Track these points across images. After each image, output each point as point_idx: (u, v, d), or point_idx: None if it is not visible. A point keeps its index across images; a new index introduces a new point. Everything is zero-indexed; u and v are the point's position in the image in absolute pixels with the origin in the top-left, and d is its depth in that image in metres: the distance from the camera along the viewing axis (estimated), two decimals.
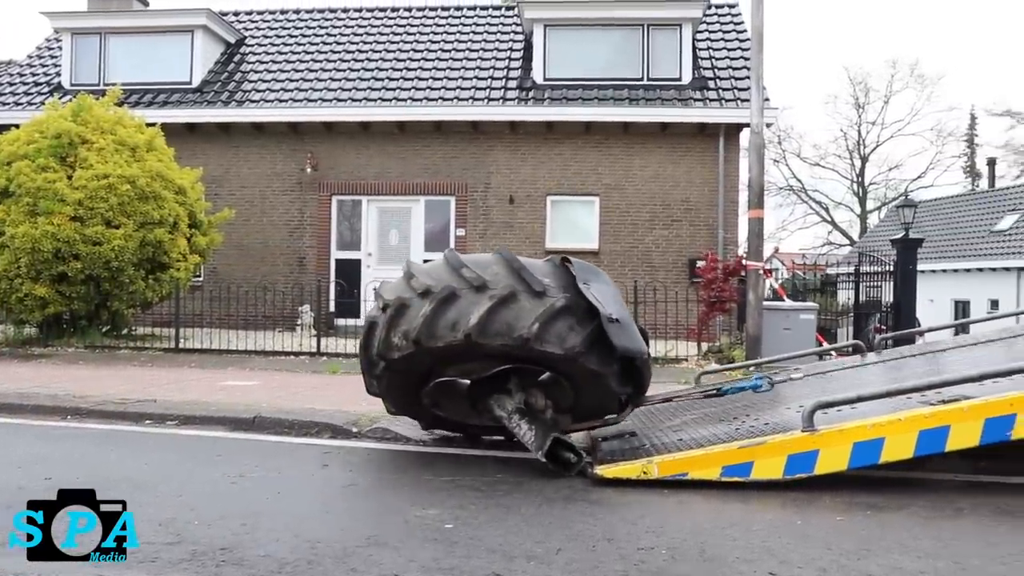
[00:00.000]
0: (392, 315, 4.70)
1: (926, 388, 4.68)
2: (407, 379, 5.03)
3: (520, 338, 4.46)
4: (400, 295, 4.75)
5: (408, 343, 4.61)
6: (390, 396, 5.34)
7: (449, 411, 5.39)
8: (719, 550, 3.35)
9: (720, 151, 15.17)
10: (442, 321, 4.53)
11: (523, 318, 4.48)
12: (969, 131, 47.19)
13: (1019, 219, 28.90)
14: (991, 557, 3.33)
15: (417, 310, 4.61)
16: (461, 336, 4.48)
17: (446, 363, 4.90)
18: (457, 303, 4.55)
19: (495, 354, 4.66)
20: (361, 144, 16.08)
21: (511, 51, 17.31)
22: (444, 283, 4.64)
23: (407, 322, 4.63)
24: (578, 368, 4.65)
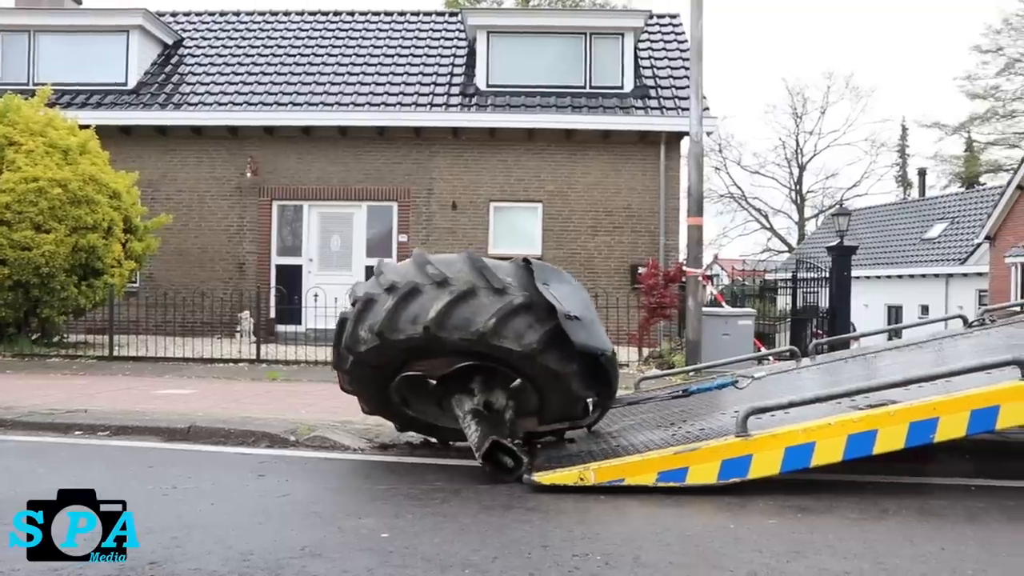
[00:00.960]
0: (360, 310, 4.81)
1: (855, 393, 4.81)
2: (376, 374, 5.04)
3: (477, 332, 4.53)
4: (368, 291, 4.87)
5: (372, 336, 4.70)
6: (361, 393, 5.32)
7: (419, 410, 5.36)
8: (653, 556, 3.39)
9: (661, 159, 15.40)
10: (404, 315, 4.64)
11: (481, 313, 4.57)
12: (901, 142, 48.71)
13: (947, 227, 29.91)
14: (912, 556, 3.43)
15: (382, 304, 4.70)
16: (420, 329, 4.56)
17: (411, 358, 4.93)
18: (419, 298, 4.66)
19: (455, 350, 4.73)
20: (303, 149, 15.91)
21: (455, 57, 17.31)
22: (408, 279, 4.74)
23: (372, 316, 4.72)
24: (537, 366, 4.69)
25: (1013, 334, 7.06)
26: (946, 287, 27.77)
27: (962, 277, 26.99)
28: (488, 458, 4.61)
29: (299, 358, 12.17)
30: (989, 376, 4.66)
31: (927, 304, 28.24)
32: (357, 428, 6.61)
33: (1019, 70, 39.84)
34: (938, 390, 4.62)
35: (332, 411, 7.50)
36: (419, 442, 6.16)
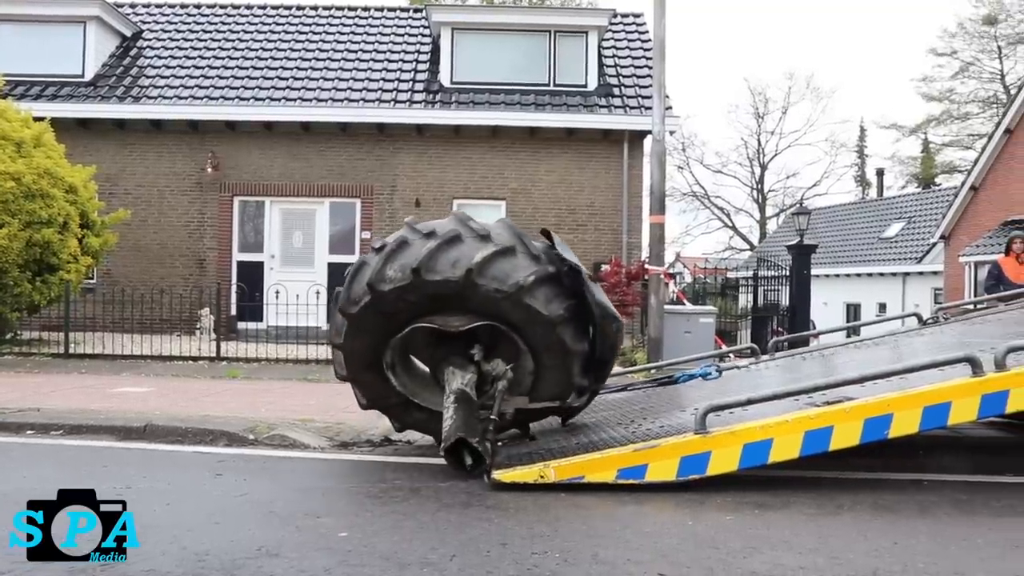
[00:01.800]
0: (392, 249, 4.86)
1: (812, 390, 4.88)
2: (384, 322, 4.94)
3: (516, 285, 4.66)
4: (402, 235, 4.95)
5: (404, 275, 4.73)
6: (354, 354, 5.10)
7: (404, 383, 5.22)
8: (611, 552, 3.41)
9: (624, 157, 15.48)
10: (444, 258, 4.71)
11: (519, 271, 4.73)
12: (860, 143, 49.48)
13: (905, 227, 30.45)
14: (866, 551, 3.48)
15: (420, 246, 4.76)
16: (462, 272, 4.64)
17: (430, 309, 4.90)
18: (460, 246, 4.77)
19: (484, 302, 4.78)
20: (264, 144, 15.73)
21: (418, 54, 17.24)
22: (450, 228, 4.87)
23: (406, 256, 4.78)
24: (553, 338, 4.80)
25: (966, 332, 7.20)
26: (903, 285, 28.27)
27: (918, 276, 27.48)
28: (451, 452, 4.60)
29: (260, 356, 12.05)
30: (942, 373, 4.76)
31: (885, 302, 28.72)
32: (318, 427, 6.58)
33: (973, 73, 40.74)
34: (893, 387, 4.70)
35: (293, 409, 7.44)
36: (379, 440, 6.14)
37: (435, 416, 4.98)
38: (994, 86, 39.96)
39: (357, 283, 4.92)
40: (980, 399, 4.52)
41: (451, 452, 4.61)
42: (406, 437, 6.33)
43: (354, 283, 4.96)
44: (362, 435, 6.33)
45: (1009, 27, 38.82)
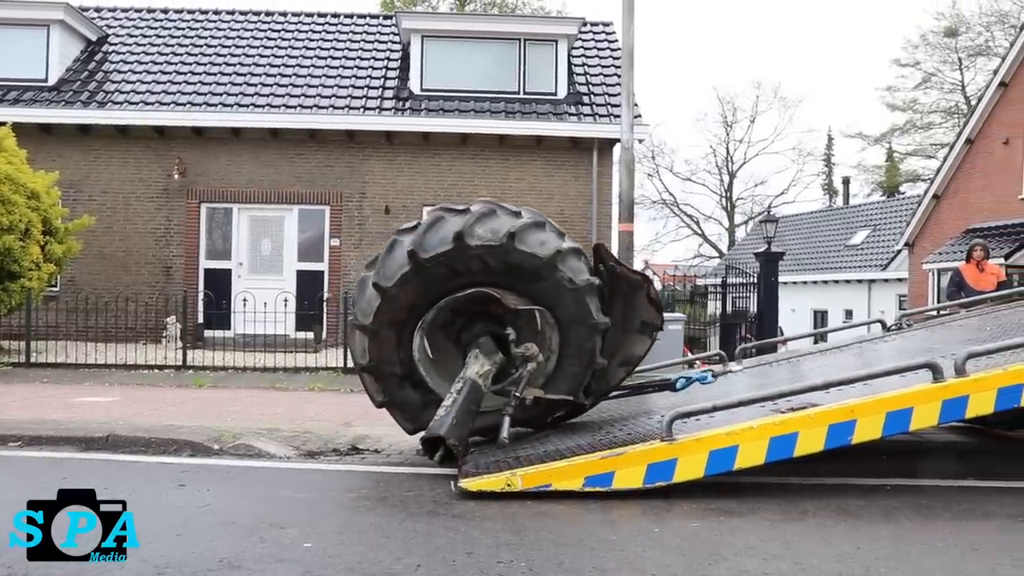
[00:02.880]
0: (431, 223, 4.99)
1: (777, 396, 4.91)
2: (421, 295, 4.96)
3: (554, 250, 4.93)
4: (436, 213, 5.10)
5: (447, 242, 4.84)
6: (380, 334, 5.01)
7: (436, 379, 5.15)
8: (577, 561, 3.40)
9: (594, 165, 15.56)
10: (482, 227, 4.91)
11: (551, 242, 5.01)
12: (827, 151, 50.14)
13: (870, 234, 30.89)
14: (829, 556, 3.51)
15: (457, 220, 4.94)
16: (503, 237, 4.84)
17: (472, 279, 4.98)
18: (495, 219, 5.02)
19: (522, 269, 4.93)
20: (232, 151, 15.60)
21: (388, 60, 17.20)
22: (482, 206, 5.12)
23: (446, 228, 4.91)
24: (583, 308, 4.99)
25: (928, 338, 7.31)
26: (869, 292, 28.66)
27: (883, 282, 27.88)
28: (429, 443, 4.59)
29: (228, 364, 11.93)
30: (904, 379, 4.82)
31: (851, 308, 29.09)
32: (284, 435, 6.51)
33: (935, 84, 41.49)
34: (857, 393, 4.75)
35: (259, 418, 7.37)
36: (346, 449, 6.09)
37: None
38: (955, 97, 40.73)
39: (401, 251, 4.96)
40: (941, 404, 4.58)
41: (428, 440, 4.61)
42: (374, 446, 6.30)
43: (389, 256, 5.02)
44: (329, 444, 6.28)
45: (969, 39, 39.60)
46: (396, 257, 4.96)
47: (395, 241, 5.08)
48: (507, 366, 5.10)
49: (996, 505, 4.49)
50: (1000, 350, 4.99)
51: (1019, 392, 4.64)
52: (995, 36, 37.73)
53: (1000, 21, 37.53)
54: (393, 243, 5.08)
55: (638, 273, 5.54)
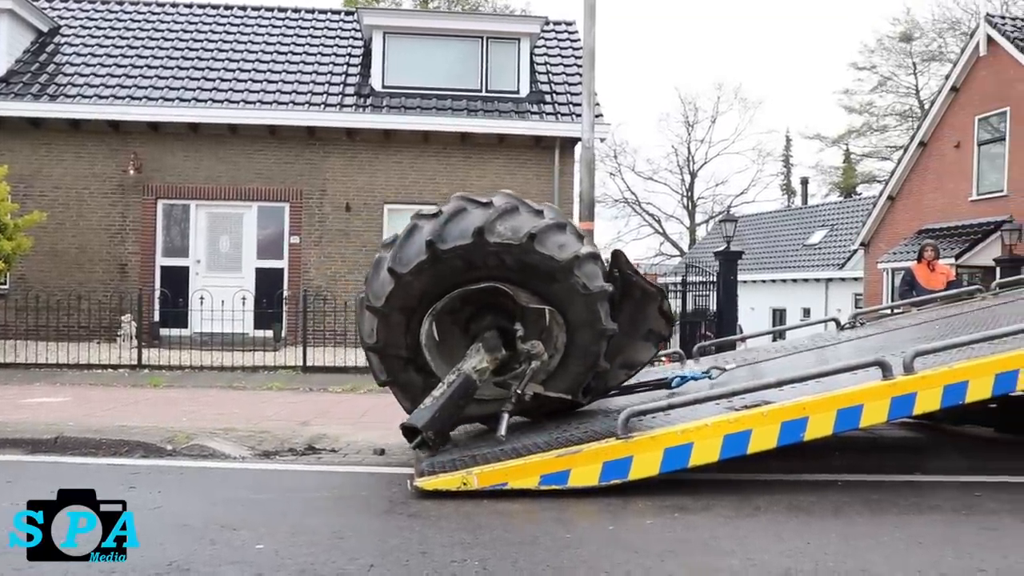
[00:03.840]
0: (452, 213, 4.92)
1: (731, 394, 4.96)
2: (435, 282, 4.92)
3: (573, 254, 4.90)
4: (456, 205, 5.01)
5: (468, 236, 4.79)
6: (391, 317, 4.98)
7: (440, 364, 5.13)
8: (531, 560, 3.40)
9: (555, 163, 15.60)
10: (503, 225, 4.85)
11: (571, 245, 4.98)
12: (785, 152, 50.88)
13: (827, 234, 31.39)
14: (780, 551, 3.56)
15: (478, 214, 4.89)
16: (524, 236, 4.80)
17: (491, 273, 4.96)
18: (517, 217, 4.97)
19: (538, 269, 4.90)
20: (190, 146, 15.37)
21: (350, 57, 17.07)
22: (504, 203, 5.03)
23: (467, 221, 4.86)
24: (594, 314, 4.98)
25: (880, 336, 7.43)
26: (826, 291, 29.14)
27: (840, 281, 28.36)
28: (409, 430, 4.67)
29: (184, 363, 11.78)
30: (855, 377, 4.90)
31: (809, 307, 29.55)
32: (240, 435, 6.44)
33: (890, 88, 42.33)
34: (809, 391, 4.82)
35: (215, 418, 7.28)
36: (303, 449, 6.05)
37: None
38: (910, 100, 41.58)
39: (419, 239, 4.89)
40: (890, 402, 4.67)
41: (408, 427, 4.68)
42: (331, 446, 6.26)
43: (407, 243, 4.93)
44: (285, 444, 6.23)
45: (923, 44, 40.46)
46: (414, 243, 4.88)
47: (415, 227, 4.98)
48: (511, 360, 5.11)
49: (942, 499, 4.58)
50: (946, 348, 5.10)
51: (964, 389, 4.75)
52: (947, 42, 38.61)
53: (952, 28, 38.41)
54: (413, 228, 4.98)
55: (654, 285, 5.57)
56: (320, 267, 15.48)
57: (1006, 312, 7.08)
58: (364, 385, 10.26)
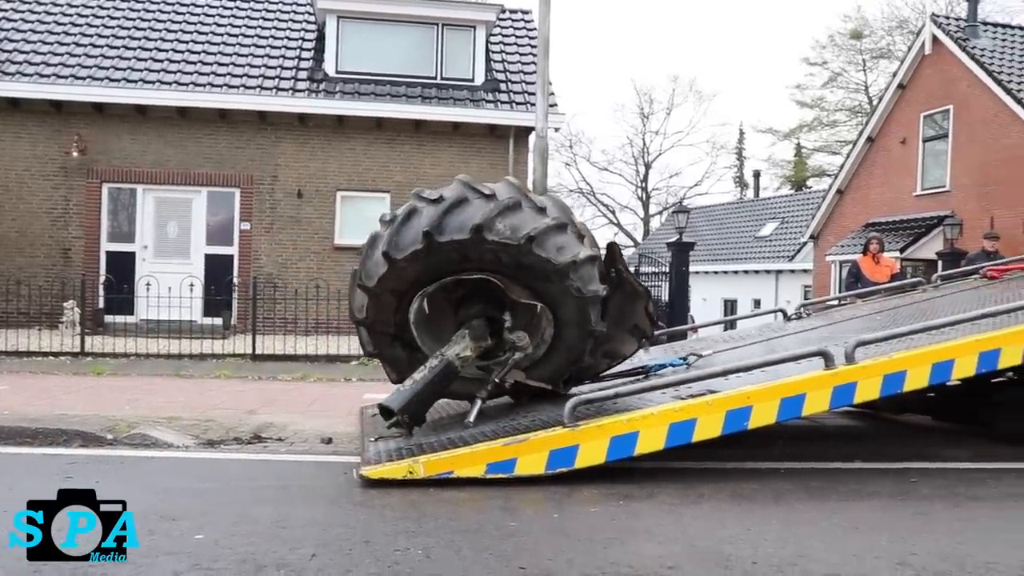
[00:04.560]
0: (450, 205, 4.79)
1: (677, 383, 5.02)
2: (427, 271, 4.92)
3: (573, 257, 4.77)
4: (457, 193, 4.88)
5: (466, 231, 4.70)
6: (382, 298, 5.00)
7: (427, 340, 5.19)
8: (475, 547, 3.40)
9: (510, 152, 15.58)
10: (504, 222, 4.71)
11: (572, 246, 4.85)
12: (739, 145, 51.54)
13: (778, 226, 31.87)
14: (721, 538, 3.60)
15: (481, 206, 4.77)
16: (522, 238, 4.68)
17: (488, 266, 4.91)
18: (520, 213, 4.80)
19: (533, 269, 4.81)
20: (137, 129, 15.01)
21: (303, 41, 16.81)
22: (508, 195, 4.89)
23: (467, 213, 4.76)
24: (583, 315, 4.91)
25: (825, 327, 7.57)
26: (776, 282, 29.60)
27: (790, 273, 28.83)
28: (385, 410, 4.80)
29: (130, 351, 11.54)
30: (799, 366, 4.98)
31: (759, 298, 29.99)
32: (184, 424, 6.34)
33: (841, 83, 43.05)
34: (754, 380, 4.89)
35: (159, 407, 7.15)
36: (249, 438, 5.97)
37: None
38: (859, 96, 42.33)
39: (409, 229, 4.83)
40: (832, 391, 4.77)
41: (384, 408, 4.80)
42: (277, 435, 6.19)
43: (399, 232, 4.85)
44: (231, 433, 6.14)
45: (872, 42, 41.21)
46: (412, 229, 4.80)
47: (414, 210, 4.87)
48: (496, 348, 5.13)
49: (880, 485, 4.69)
50: (887, 338, 5.22)
51: (903, 378, 4.87)
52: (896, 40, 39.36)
53: (900, 27, 39.17)
54: (411, 212, 4.87)
55: (641, 286, 5.54)
56: (271, 254, 15.27)
57: (945, 304, 7.28)
58: (314, 373, 10.17)
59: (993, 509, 4.34)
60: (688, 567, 3.21)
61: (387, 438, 5.01)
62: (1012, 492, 4.71)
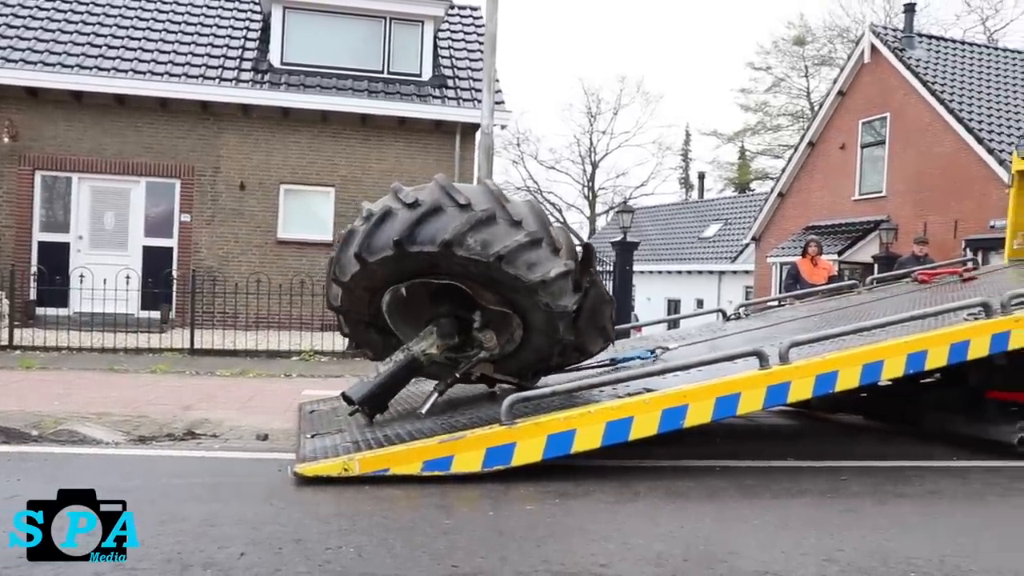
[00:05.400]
0: (426, 212, 4.74)
1: (614, 382, 5.05)
2: (395, 275, 4.99)
3: (540, 279, 4.72)
4: (433, 200, 4.80)
5: (436, 244, 4.66)
6: (355, 291, 5.08)
7: (400, 325, 5.31)
8: (408, 545, 3.37)
9: (456, 149, 15.53)
10: (476, 237, 4.67)
11: (540, 266, 4.76)
12: (684, 147, 52.24)
13: (721, 228, 32.37)
14: (654, 536, 3.64)
15: (455, 217, 4.70)
16: (492, 255, 4.64)
17: (467, 278, 4.97)
18: (494, 227, 4.72)
19: (514, 283, 4.79)
20: (73, 116, 14.58)
21: (247, 31, 16.52)
22: (485, 205, 4.79)
23: (440, 224, 4.71)
24: (552, 327, 4.94)
25: (762, 327, 7.69)
26: (719, 283, 30.05)
27: (732, 274, 29.30)
28: (348, 398, 5.03)
29: (62, 344, 11.22)
30: (735, 366, 5.06)
31: (703, 298, 30.41)
32: (115, 420, 6.18)
33: (784, 89, 43.95)
34: (691, 379, 4.95)
35: (90, 402, 6.96)
36: (182, 434, 5.84)
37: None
38: (802, 102, 43.26)
39: (382, 232, 4.78)
40: (766, 390, 4.84)
41: (347, 396, 5.03)
42: (212, 431, 6.07)
43: (369, 240, 4.81)
44: (164, 429, 6.01)
45: (815, 49, 42.17)
46: (384, 233, 4.74)
47: (389, 212, 4.79)
48: (464, 345, 5.23)
49: (811, 483, 4.79)
50: (820, 339, 5.33)
51: (834, 378, 4.97)
52: (837, 48, 40.33)
53: (841, 35, 40.15)
54: (386, 214, 4.79)
55: (607, 294, 5.55)
56: (212, 247, 14.98)
57: (877, 307, 7.46)
58: (254, 369, 10.01)
59: (917, 506, 4.46)
60: (621, 565, 3.23)
61: (324, 435, 4.96)
62: (935, 489, 4.86)
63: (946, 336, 5.25)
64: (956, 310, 5.67)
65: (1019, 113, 18.88)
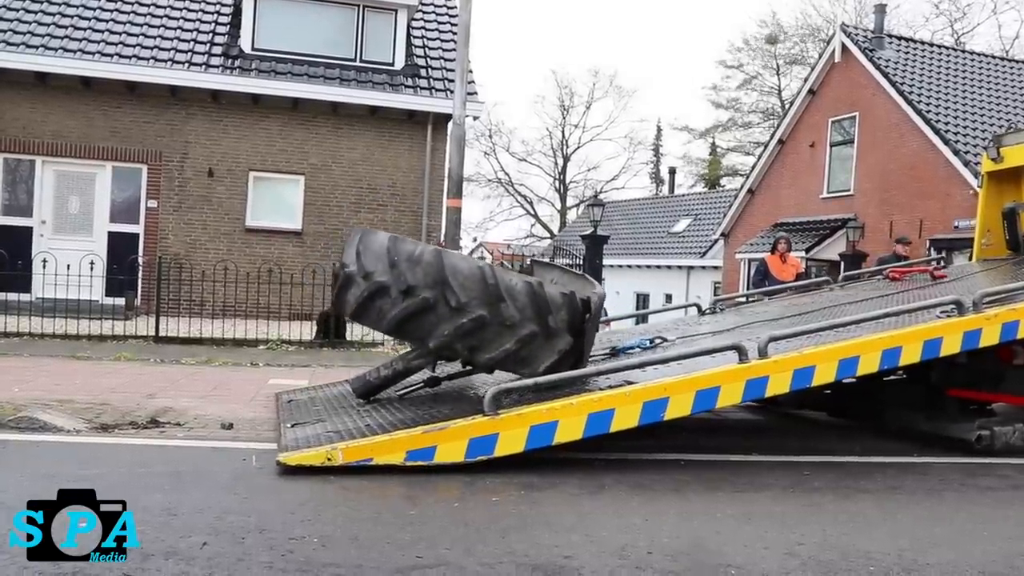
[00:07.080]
0: (367, 296, 5.10)
1: (596, 374, 5.07)
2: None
3: (486, 359, 5.14)
4: (379, 281, 5.06)
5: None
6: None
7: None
8: (371, 536, 3.37)
9: (428, 139, 15.45)
10: (420, 322, 5.02)
11: (490, 346, 5.06)
12: (656, 142, 52.36)
13: (691, 223, 32.57)
14: (618, 528, 3.66)
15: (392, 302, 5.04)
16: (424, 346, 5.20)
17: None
18: (430, 314, 4.96)
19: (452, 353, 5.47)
20: (37, 98, 14.26)
21: (218, 15, 16.25)
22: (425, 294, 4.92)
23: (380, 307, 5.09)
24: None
25: (738, 322, 7.75)
26: (688, 278, 30.23)
27: (701, 269, 29.50)
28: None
29: (23, 330, 11.01)
30: (714, 360, 5.10)
31: (671, 293, 30.57)
32: (77, 407, 6.07)
33: (755, 86, 44.25)
34: (671, 372, 4.97)
35: (51, 389, 6.84)
36: (145, 422, 5.77)
37: None
38: (773, 100, 43.59)
39: (370, 311, 5.14)
40: (745, 384, 4.89)
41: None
42: (176, 419, 5.99)
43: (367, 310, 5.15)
44: (127, 417, 5.92)
45: (786, 48, 42.48)
46: (372, 312, 5.08)
47: (380, 289, 4.98)
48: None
49: (774, 478, 4.85)
50: (798, 335, 5.40)
51: (812, 373, 5.04)
52: (808, 48, 40.65)
53: (813, 35, 40.48)
54: (377, 290, 4.99)
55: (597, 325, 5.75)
56: (179, 234, 14.77)
57: (850, 304, 7.55)
58: (220, 357, 9.91)
59: (876, 501, 4.53)
60: (584, 556, 3.25)
61: (304, 424, 4.94)
62: (894, 485, 4.94)
63: (920, 333, 5.34)
64: (929, 308, 5.76)
65: (985, 115, 19.19)
